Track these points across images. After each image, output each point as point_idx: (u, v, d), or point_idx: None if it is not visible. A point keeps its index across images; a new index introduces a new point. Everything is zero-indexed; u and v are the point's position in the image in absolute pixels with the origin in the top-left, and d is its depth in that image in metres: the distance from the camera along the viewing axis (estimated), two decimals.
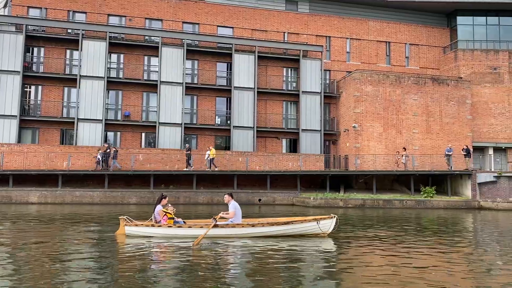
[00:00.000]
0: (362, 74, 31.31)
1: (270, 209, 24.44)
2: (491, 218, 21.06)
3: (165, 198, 13.39)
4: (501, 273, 8.75)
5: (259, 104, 32.23)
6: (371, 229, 15.69)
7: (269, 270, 8.65)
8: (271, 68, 32.96)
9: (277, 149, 32.50)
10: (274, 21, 33.77)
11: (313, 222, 13.20)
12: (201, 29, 32.43)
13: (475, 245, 12.50)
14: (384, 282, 7.78)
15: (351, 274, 8.57)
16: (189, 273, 8.29)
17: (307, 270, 8.67)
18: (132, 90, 30.43)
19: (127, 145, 29.76)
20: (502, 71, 33.91)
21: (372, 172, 28.17)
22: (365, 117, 30.95)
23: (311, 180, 30.63)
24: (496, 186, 25.53)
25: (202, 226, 12.86)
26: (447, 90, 32.27)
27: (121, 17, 31.39)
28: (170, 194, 25.77)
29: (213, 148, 27.72)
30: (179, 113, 29.99)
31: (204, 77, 31.70)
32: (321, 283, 7.71)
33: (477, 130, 33.21)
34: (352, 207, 25.18)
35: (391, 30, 35.83)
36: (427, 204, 25.66)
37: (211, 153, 27.09)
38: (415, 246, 11.76)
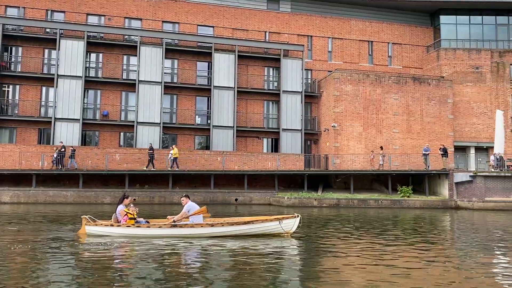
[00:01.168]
0: (342, 73, 31.20)
1: (246, 208, 24.35)
2: (463, 218, 20.95)
3: (128, 198, 13.33)
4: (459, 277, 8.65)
5: (240, 104, 32.13)
6: (337, 228, 15.62)
7: (225, 269, 8.63)
8: (252, 67, 32.86)
9: (258, 148, 32.39)
10: (255, 20, 33.67)
11: (275, 222, 13.12)
12: (181, 28, 32.33)
13: (431, 244, 12.39)
14: (343, 281, 7.79)
15: (310, 273, 8.54)
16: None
17: (264, 270, 8.60)
18: (111, 89, 30.33)
19: (105, 144, 29.65)
20: (484, 71, 33.80)
21: (349, 172, 28.06)
22: (345, 116, 30.85)
23: (290, 180, 30.54)
24: (472, 185, 25.41)
25: (160, 226, 12.80)
26: (428, 89, 32.16)
27: (100, 16, 31.30)
28: (145, 194, 25.82)
29: (176, 148, 27.50)
30: (157, 112, 29.89)
31: (184, 76, 31.60)
32: (279, 282, 7.66)
33: (459, 129, 33.09)
34: (327, 206, 25.08)
35: (373, 29, 35.72)
36: (403, 203, 25.56)
37: (174, 153, 26.93)
38: (375, 246, 11.75)
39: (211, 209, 22.80)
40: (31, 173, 25.30)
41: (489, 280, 8.10)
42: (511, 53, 34.33)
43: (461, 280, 8.04)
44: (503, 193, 25.22)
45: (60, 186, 26.37)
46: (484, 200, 25.01)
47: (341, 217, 19.97)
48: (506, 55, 34.20)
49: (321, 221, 18.70)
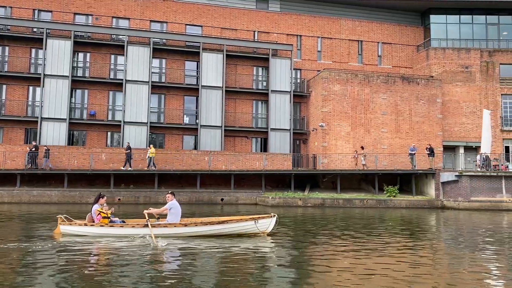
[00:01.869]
0: (330, 73, 31.12)
1: (232, 208, 24.28)
2: (445, 218, 20.88)
3: (103, 197, 13.34)
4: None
5: (229, 103, 32.07)
6: (315, 228, 15.57)
7: (197, 269, 8.62)
8: (240, 67, 32.79)
9: (246, 148, 32.33)
10: (244, 19, 33.60)
11: (251, 222, 13.10)
12: (169, 27, 32.26)
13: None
14: (318, 281, 7.77)
15: (284, 273, 8.50)
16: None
17: (238, 270, 8.59)
18: (98, 89, 30.26)
19: (92, 144, 29.60)
20: (474, 70, 33.71)
21: (335, 172, 28.00)
22: (333, 116, 30.77)
23: (278, 180, 30.45)
24: (457, 185, 25.31)
25: (134, 226, 12.77)
26: (417, 89, 32.08)
27: (87, 15, 31.24)
28: (130, 194, 25.76)
29: (153, 147, 27.38)
30: (145, 112, 29.82)
31: (172, 76, 31.53)
32: (253, 282, 7.64)
33: (448, 129, 33.02)
34: (312, 206, 25.01)
35: (363, 29, 35.64)
36: (389, 203, 25.48)
37: (151, 152, 26.82)
38: (351, 245, 11.76)
39: (197, 209, 23.02)
40: (16, 173, 25.23)
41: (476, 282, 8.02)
42: (500, 52, 34.26)
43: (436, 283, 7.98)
44: (488, 193, 25.13)
45: (46, 186, 26.30)
46: (469, 200, 24.93)
47: (322, 217, 19.91)
48: (496, 54, 34.13)
49: (301, 220, 18.64)
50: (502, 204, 24.93)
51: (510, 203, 24.95)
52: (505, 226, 17.89)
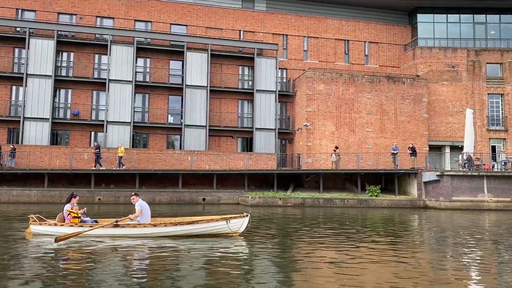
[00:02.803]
0: (314, 72, 31.03)
1: (213, 208, 24.20)
2: (425, 218, 20.78)
3: (75, 197, 13.28)
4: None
5: (214, 103, 31.99)
6: (291, 228, 15.51)
7: (163, 269, 8.55)
8: (226, 66, 32.70)
9: (232, 148, 32.24)
10: (230, 19, 33.51)
11: (222, 222, 12.98)
12: (154, 27, 32.18)
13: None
14: (288, 280, 7.73)
15: (252, 272, 8.45)
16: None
17: (207, 270, 8.52)
18: (82, 88, 30.19)
19: (76, 144, 29.52)
20: (460, 69, 33.59)
21: (317, 171, 27.91)
22: (317, 115, 30.68)
23: (263, 180, 30.34)
24: (439, 185, 25.20)
25: (103, 226, 12.69)
26: (403, 88, 31.98)
27: (71, 15, 31.17)
28: (110, 194, 25.69)
29: (122, 147, 27.26)
30: (128, 111, 29.76)
31: (156, 75, 31.46)
32: (222, 282, 7.58)
33: (434, 128, 32.91)
34: (292, 206, 24.91)
35: (350, 28, 35.54)
36: (370, 203, 25.38)
37: (119, 152, 26.71)
38: (324, 245, 11.71)
39: (178, 209, 22.93)
40: None
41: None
42: (487, 51, 34.15)
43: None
44: (470, 193, 25.03)
45: (26, 186, 26.24)
46: (451, 200, 24.83)
47: (299, 217, 19.82)
48: (483, 53, 34.01)
49: (276, 220, 18.55)
50: (483, 204, 24.83)
51: (491, 203, 24.86)
52: (481, 226, 17.79)
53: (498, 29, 35.91)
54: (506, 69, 33.68)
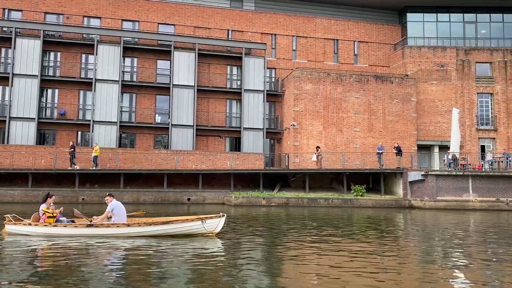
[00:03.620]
0: (301, 72, 30.95)
1: (199, 208, 24.12)
2: (406, 218, 20.68)
3: (51, 197, 13.22)
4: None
5: (202, 102, 31.93)
6: (270, 228, 15.43)
7: (134, 269, 8.50)
8: (214, 66, 32.63)
9: (220, 148, 32.17)
10: (218, 18, 33.43)
11: (197, 222, 12.91)
12: (141, 26, 32.12)
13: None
14: (262, 280, 7.68)
15: (228, 274, 8.36)
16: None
17: (180, 270, 8.44)
18: (69, 88, 30.16)
19: (63, 144, 29.45)
20: (450, 69, 33.47)
21: (303, 171, 27.82)
22: (305, 115, 30.59)
23: (250, 179, 30.24)
24: (424, 184, 25.09)
25: (77, 225, 12.66)
26: (391, 88, 31.87)
27: (58, 15, 31.12)
28: (94, 193, 25.64)
29: (97, 146, 27.15)
30: (115, 111, 29.71)
31: (144, 75, 31.40)
32: (194, 283, 7.53)
33: (423, 128, 32.81)
34: (275, 205, 24.83)
35: (339, 27, 35.42)
36: (354, 202, 25.27)
37: (94, 151, 26.63)
38: (299, 245, 11.68)
39: (162, 209, 22.86)
40: None
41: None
42: (476, 51, 34.01)
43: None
44: (455, 192, 24.91)
45: (11, 185, 26.21)
46: (435, 200, 24.71)
47: (280, 216, 19.74)
48: (472, 53, 33.88)
49: (256, 220, 18.48)
50: (468, 203, 24.71)
51: (476, 203, 24.74)
52: (460, 226, 17.69)
53: (488, 28, 35.77)
54: (496, 69, 33.56)
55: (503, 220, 19.65)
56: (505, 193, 24.90)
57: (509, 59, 33.59)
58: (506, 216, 21.45)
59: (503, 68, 33.43)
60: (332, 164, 29.62)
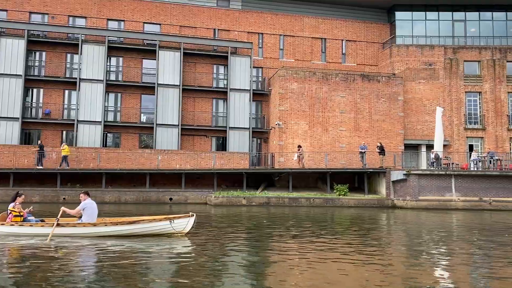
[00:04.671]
0: (287, 71, 30.81)
1: (180, 208, 24.02)
2: (384, 218, 20.52)
3: (20, 196, 13.15)
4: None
5: (188, 102, 31.85)
6: (242, 227, 15.36)
7: (96, 270, 8.47)
8: (200, 65, 32.54)
9: (206, 147, 32.08)
10: (204, 17, 33.33)
11: (166, 222, 12.82)
12: (126, 26, 32.07)
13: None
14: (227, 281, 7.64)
15: (192, 273, 8.30)
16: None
17: (145, 270, 8.39)
18: (53, 88, 30.16)
19: (47, 143, 29.41)
20: (438, 67, 33.23)
21: (286, 170, 27.68)
22: (290, 114, 30.45)
23: (235, 179, 30.10)
24: (406, 184, 24.90)
25: (43, 225, 12.60)
26: (378, 87, 31.67)
27: (43, 14, 31.11)
28: (75, 193, 25.50)
29: (66, 145, 27.05)
30: (99, 110, 29.67)
31: (129, 74, 31.35)
32: (155, 282, 7.47)
33: (411, 127, 32.59)
34: (256, 205, 24.70)
35: (327, 26, 35.24)
36: (336, 202, 25.12)
37: (64, 151, 26.52)
38: (272, 245, 11.66)
39: (144, 209, 22.78)
40: None
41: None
42: (465, 49, 33.75)
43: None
44: (437, 192, 24.70)
45: None
46: (417, 199, 24.52)
47: (254, 216, 19.62)
48: (460, 51, 33.63)
49: (229, 220, 18.37)
50: (450, 203, 24.50)
51: (459, 202, 24.53)
52: (431, 226, 17.52)
53: (477, 26, 35.50)
54: (484, 67, 33.30)
55: (484, 220, 19.47)
56: (488, 193, 24.68)
57: (497, 57, 33.32)
58: (489, 216, 21.25)
59: (492, 66, 33.17)
60: (317, 163, 29.47)
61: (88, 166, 27.61)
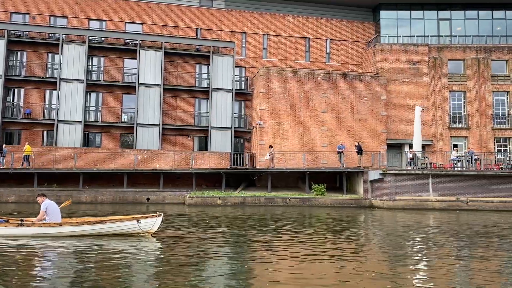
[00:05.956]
0: (268, 70, 30.68)
1: (157, 207, 23.93)
2: (357, 218, 20.35)
3: None
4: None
5: (169, 101, 31.78)
6: (210, 227, 15.29)
7: (65, 270, 8.42)
8: (182, 64, 32.46)
9: (188, 147, 32.00)
10: (187, 17, 33.25)
11: (133, 221, 12.81)
12: (108, 25, 32.03)
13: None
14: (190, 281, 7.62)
15: (161, 274, 8.29)
16: None
17: (107, 271, 8.34)
18: (34, 87, 30.17)
19: (28, 143, 29.41)
20: (422, 66, 33.01)
21: (263, 170, 27.56)
22: (271, 114, 30.33)
23: (217, 179, 30.01)
24: (383, 183, 24.73)
25: (7, 225, 12.55)
26: (360, 86, 31.49)
27: (24, 14, 31.12)
28: (51, 193, 25.43)
29: (28, 145, 26.91)
30: (80, 110, 29.65)
31: (110, 74, 31.31)
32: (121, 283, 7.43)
33: (394, 127, 32.39)
34: (231, 205, 24.59)
35: (311, 25, 35.08)
36: (313, 202, 24.97)
37: (26, 150, 26.42)
38: (235, 244, 11.69)
39: (120, 209, 22.73)
40: None
41: None
42: (449, 48, 33.52)
43: None
44: (414, 192, 24.52)
45: None
46: (394, 199, 24.34)
47: (226, 216, 19.53)
48: (444, 50, 33.40)
49: (198, 220, 18.27)
50: (427, 203, 24.32)
51: (436, 202, 24.34)
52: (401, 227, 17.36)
53: (463, 25, 35.25)
54: (469, 66, 33.05)
55: (453, 220, 19.29)
56: (466, 192, 24.49)
57: (482, 56, 33.08)
58: (466, 216, 21.07)
59: (476, 65, 32.93)
60: (299, 163, 29.32)
61: (67, 166, 27.58)
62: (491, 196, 24.49)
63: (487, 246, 11.87)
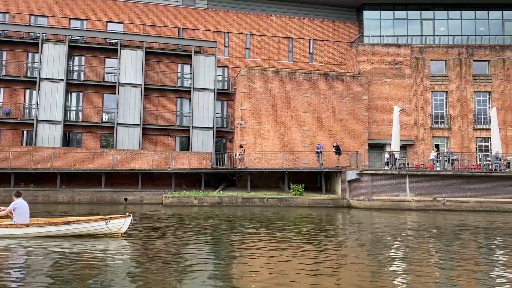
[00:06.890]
0: (249, 70, 30.62)
1: (135, 208, 23.86)
2: (332, 218, 20.34)
3: None
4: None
5: (151, 101, 31.67)
6: (178, 227, 15.25)
7: (33, 271, 8.39)
8: (164, 64, 32.35)
9: (170, 147, 31.90)
10: (169, 16, 33.14)
11: (101, 222, 12.80)
12: (89, 25, 31.88)
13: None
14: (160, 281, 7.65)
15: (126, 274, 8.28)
16: None
17: (73, 271, 8.32)
18: (14, 87, 29.99)
19: (7, 143, 29.30)
20: (404, 66, 33.03)
21: (243, 170, 27.50)
22: (252, 114, 30.27)
23: (197, 179, 29.93)
24: (360, 184, 24.72)
25: None
26: (342, 86, 31.48)
27: (4, 13, 30.93)
28: (28, 193, 25.37)
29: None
30: (60, 110, 29.49)
31: (91, 74, 31.17)
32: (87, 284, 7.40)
33: (376, 127, 32.39)
34: (208, 205, 24.52)
35: (294, 25, 35.04)
36: (290, 202, 24.93)
37: None
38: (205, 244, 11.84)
39: (97, 209, 22.63)
40: None
41: None
42: (431, 48, 33.55)
43: None
44: (391, 192, 24.53)
45: None
46: (370, 199, 24.34)
47: (198, 217, 19.48)
48: (427, 50, 33.43)
49: (168, 220, 18.21)
50: (404, 203, 24.33)
51: (412, 203, 24.36)
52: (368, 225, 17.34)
53: (446, 25, 35.30)
54: (451, 66, 33.10)
55: (429, 220, 19.28)
56: (443, 193, 24.52)
57: (464, 56, 33.13)
58: (442, 217, 21.09)
59: (458, 66, 32.98)
60: (280, 163, 29.27)
61: (46, 166, 27.43)
62: (468, 197, 24.52)
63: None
